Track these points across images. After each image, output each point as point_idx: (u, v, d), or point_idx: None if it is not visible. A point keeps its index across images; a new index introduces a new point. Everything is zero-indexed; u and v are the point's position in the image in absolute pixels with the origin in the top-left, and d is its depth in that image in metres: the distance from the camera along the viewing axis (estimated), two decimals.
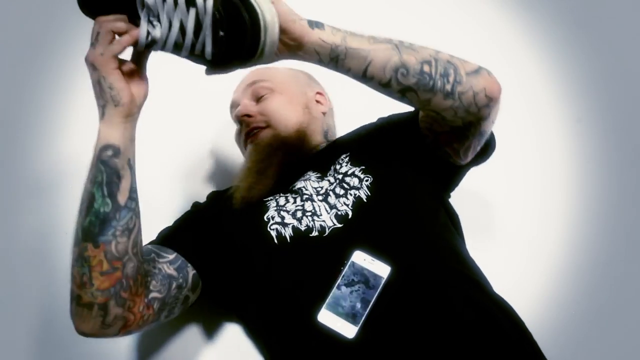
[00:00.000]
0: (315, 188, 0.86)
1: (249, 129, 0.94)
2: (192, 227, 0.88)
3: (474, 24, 1.28)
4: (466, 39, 1.28)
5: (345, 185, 0.84)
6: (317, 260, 0.78)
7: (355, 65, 0.72)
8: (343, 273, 0.75)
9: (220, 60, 0.67)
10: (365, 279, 0.75)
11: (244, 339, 0.93)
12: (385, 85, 0.74)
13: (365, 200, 0.81)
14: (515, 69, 1.23)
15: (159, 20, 0.65)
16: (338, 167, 0.87)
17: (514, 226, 1.08)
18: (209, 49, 0.66)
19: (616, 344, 0.96)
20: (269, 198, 0.87)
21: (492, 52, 1.26)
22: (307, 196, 0.85)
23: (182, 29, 0.65)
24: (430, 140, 0.85)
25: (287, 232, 0.81)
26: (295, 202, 0.84)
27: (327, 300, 0.73)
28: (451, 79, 0.74)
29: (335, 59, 0.71)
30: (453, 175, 0.91)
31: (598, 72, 1.23)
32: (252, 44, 0.66)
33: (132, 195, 0.68)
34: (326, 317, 0.73)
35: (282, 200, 0.85)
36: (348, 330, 0.71)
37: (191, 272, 0.80)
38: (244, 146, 0.97)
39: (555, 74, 1.23)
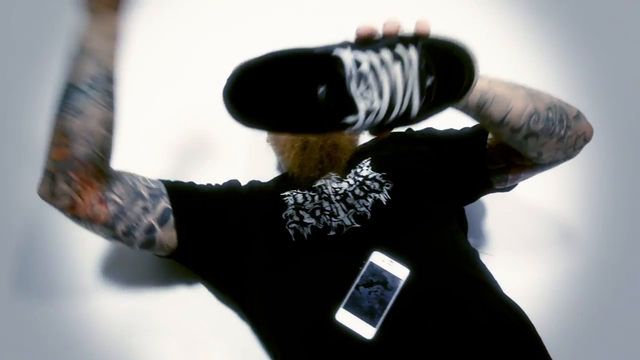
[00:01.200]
0: (335, 188, 0.86)
1: None
2: (208, 203, 0.88)
3: (475, 23, 1.29)
4: (467, 39, 1.28)
5: (366, 188, 0.84)
6: (334, 259, 0.78)
7: (497, 112, 0.72)
8: (362, 273, 0.75)
9: (426, 110, 0.61)
10: (383, 280, 0.75)
11: (250, 337, 0.92)
12: (515, 131, 0.74)
13: (384, 203, 0.82)
14: (516, 69, 1.23)
15: (367, 89, 0.57)
16: (359, 170, 0.88)
17: (513, 227, 1.08)
18: (416, 102, 0.59)
19: (622, 346, 0.96)
20: (287, 193, 0.87)
21: (493, 52, 1.26)
22: (325, 195, 0.85)
23: (393, 91, 0.58)
24: (498, 167, 0.86)
25: (306, 232, 0.81)
26: (313, 200, 0.85)
27: (346, 300, 0.74)
28: (565, 124, 0.77)
29: (481, 106, 0.71)
30: (482, 195, 0.94)
31: (599, 71, 1.24)
32: (470, 77, 0.62)
33: (89, 82, 0.74)
34: (344, 317, 0.73)
35: (300, 198, 0.85)
36: (366, 330, 0.72)
37: (164, 204, 0.83)
38: None
39: (556, 75, 1.24)
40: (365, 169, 0.87)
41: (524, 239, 1.07)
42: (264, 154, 1.09)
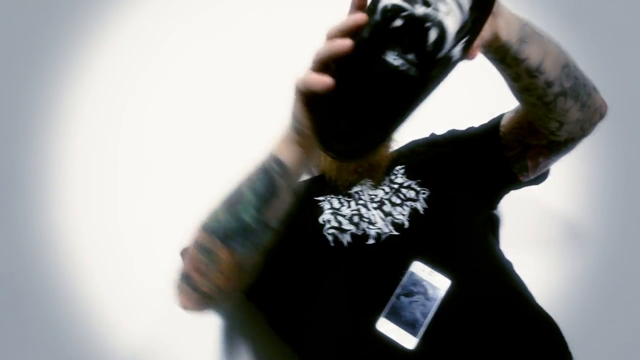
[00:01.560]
0: (370, 195, 0.85)
1: None
2: None
3: None
4: None
5: (402, 196, 0.84)
6: (374, 268, 0.77)
7: (534, 53, 0.68)
8: (402, 283, 0.75)
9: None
10: (424, 290, 0.75)
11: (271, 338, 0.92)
12: (549, 85, 0.71)
13: (422, 213, 0.82)
14: None
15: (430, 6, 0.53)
16: (393, 177, 0.87)
17: (512, 227, 1.09)
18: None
19: (628, 342, 0.97)
20: (321, 198, 0.86)
21: None
22: (362, 202, 0.84)
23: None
24: (514, 153, 0.86)
25: (345, 239, 0.80)
26: (349, 206, 0.84)
27: (386, 309, 0.73)
28: (586, 90, 0.75)
29: (521, 40, 0.66)
30: (506, 192, 0.93)
31: (600, 71, 1.26)
32: None
33: (279, 220, 0.67)
34: (385, 326, 0.73)
35: (336, 203, 0.85)
36: (407, 340, 0.72)
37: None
38: None
39: None
40: (400, 176, 0.87)
41: (533, 236, 1.08)
42: None
